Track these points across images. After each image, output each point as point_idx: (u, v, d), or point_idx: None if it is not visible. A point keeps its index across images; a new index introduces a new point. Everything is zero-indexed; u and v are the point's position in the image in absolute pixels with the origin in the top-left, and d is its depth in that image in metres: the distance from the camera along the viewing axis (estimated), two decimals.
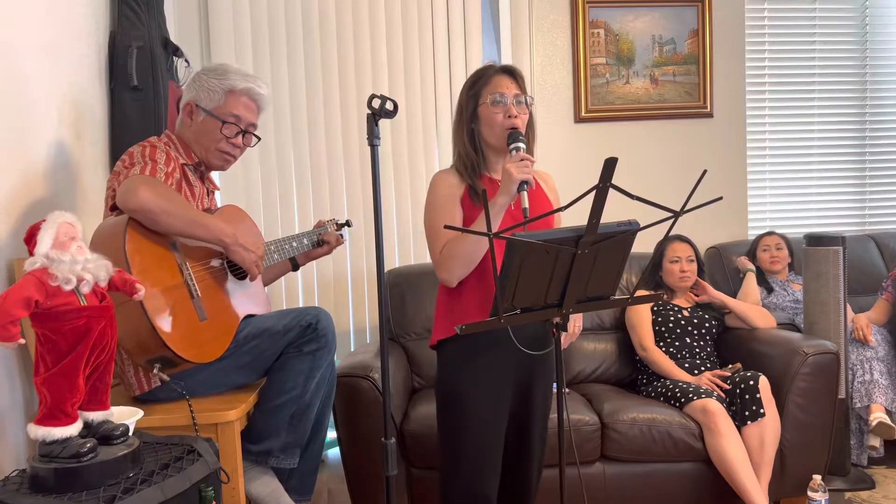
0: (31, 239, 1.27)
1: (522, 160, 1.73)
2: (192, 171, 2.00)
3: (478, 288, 1.88)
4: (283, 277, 3.30)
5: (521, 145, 1.80)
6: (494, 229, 1.76)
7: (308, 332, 1.91)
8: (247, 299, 2.01)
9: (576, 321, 2.01)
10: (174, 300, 1.74)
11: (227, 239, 1.84)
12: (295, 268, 2.32)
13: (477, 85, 1.91)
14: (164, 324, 1.68)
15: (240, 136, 2.03)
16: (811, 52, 3.86)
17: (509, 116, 1.85)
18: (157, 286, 1.71)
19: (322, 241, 2.30)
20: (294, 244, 2.22)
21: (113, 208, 1.82)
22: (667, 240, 2.98)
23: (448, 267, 1.85)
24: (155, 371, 1.72)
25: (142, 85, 2.45)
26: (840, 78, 3.90)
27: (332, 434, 2.59)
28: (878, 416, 2.86)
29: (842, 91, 3.91)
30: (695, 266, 2.97)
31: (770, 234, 3.45)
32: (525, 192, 1.70)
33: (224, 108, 1.99)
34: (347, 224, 2.45)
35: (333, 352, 1.99)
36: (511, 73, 1.92)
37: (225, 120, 1.98)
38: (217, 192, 2.16)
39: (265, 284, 2.23)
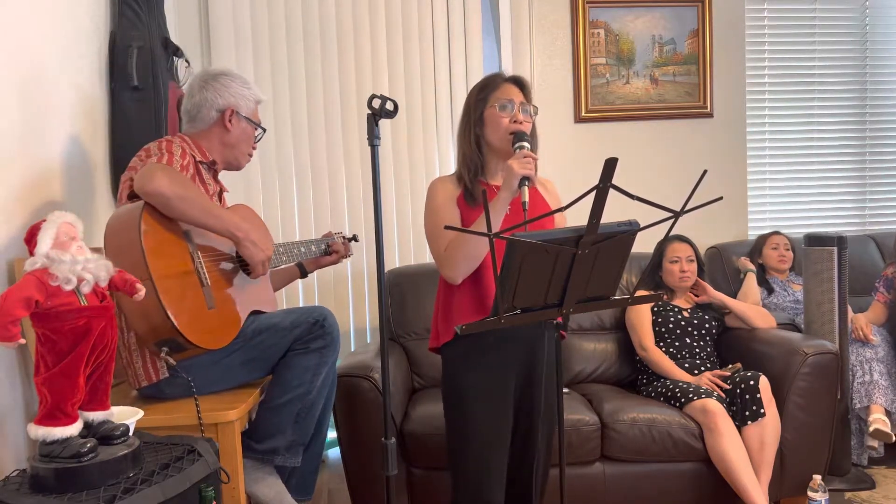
0: (31, 239, 1.27)
1: (526, 157, 1.77)
2: (206, 169, 2.03)
3: (473, 289, 1.91)
4: None
5: (526, 144, 1.85)
6: (496, 226, 1.81)
7: (315, 328, 1.94)
8: (254, 296, 2.03)
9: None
10: (185, 285, 1.77)
11: (240, 233, 1.87)
12: (303, 275, 2.36)
13: (485, 90, 1.97)
14: (175, 307, 1.70)
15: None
16: (811, 51, 3.86)
17: (515, 122, 1.91)
18: (168, 270, 1.73)
19: (330, 251, 2.37)
20: (303, 249, 2.26)
21: (131, 196, 1.84)
22: (667, 240, 2.98)
23: (452, 265, 1.89)
24: (163, 354, 1.73)
25: (142, 85, 2.45)
26: (840, 78, 3.90)
27: (332, 434, 2.60)
28: (876, 416, 2.86)
29: (842, 91, 3.90)
30: (695, 266, 2.97)
31: (777, 233, 3.45)
32: (526, 188, 1.73)
33: (256, 116, 2.14)
34: (354, 239, 2.49)
35: (338, 350, 2.02)
36: (519, 82, 1.98)
37: (260, 126, 2.15)
38: (226, 194, 2.20)
39: (275, 290, 2.25)
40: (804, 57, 3.85)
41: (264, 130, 2.18)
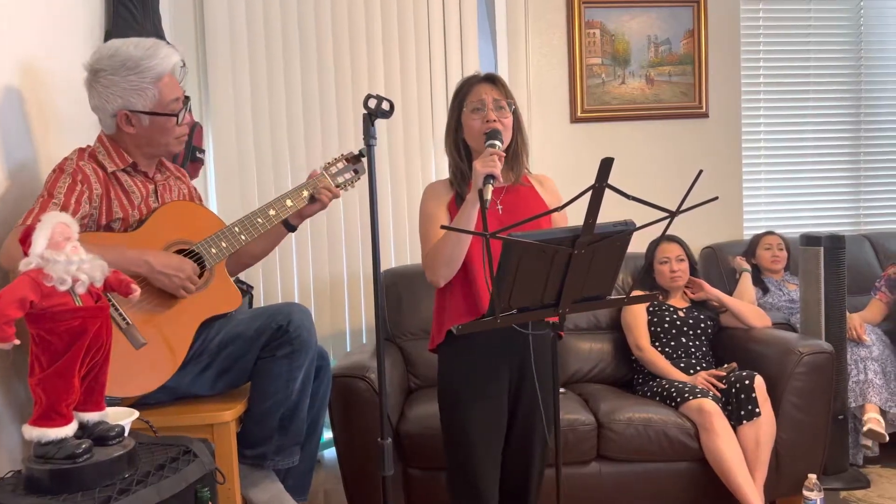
0: (26, 239, 1.26)
1: (491, 155, 1.77)
2: (130, 172, 1.85)
3: (465, 290, 1.92)
4: (279, 276, 3.33)
5: (498, 143, 1.84)
6: (471, 228, 1.81)
7: (279, 334, 1.85)
8: (206, 302, 1.87)
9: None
10: None
11: (142, 269, 1.71)
12: (291, 229, 2.09)
13: (459, 95, 1.99)
14: None
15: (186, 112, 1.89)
16: (806, 52, 3.86)
17: (487, 121, 1.91)
18: None
19: (314, 198, 2.03)
20: (271, 213, 1.96)
21: None
22: (656, 241, 2.99)
23: (432, 267, 1.91)
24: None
25: None
26: (835, 78, 3.90)
27: (328, 434, 2.59)
28: (870, 416, 2.87)
29: (837, 91, 3.91)
30: (685, 265, 2.98)
31: (770, 233, 3.46)
32: (490, 186, 1.72)
33: (163, 100, 1.80)
34: (360, 155, 2.10)
35: (311, 350, 1.91)
36: (491, 80, 1.98)
37: (173, 112, 1.82)
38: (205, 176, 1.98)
39: (258, 259, 2.15)
40: (799, 57, 3.86)
41: (187, 99, 1.86)
